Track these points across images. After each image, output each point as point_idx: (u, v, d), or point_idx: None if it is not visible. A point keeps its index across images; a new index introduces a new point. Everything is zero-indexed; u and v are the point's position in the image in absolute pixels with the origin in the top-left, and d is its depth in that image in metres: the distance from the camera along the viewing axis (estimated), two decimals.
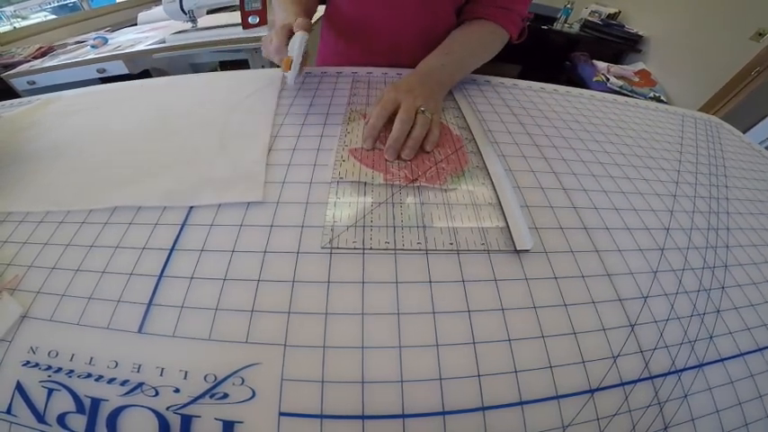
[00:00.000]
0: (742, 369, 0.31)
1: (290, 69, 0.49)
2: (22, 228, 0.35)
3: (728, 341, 0.32)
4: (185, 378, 0.25)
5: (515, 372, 0.27)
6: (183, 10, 1.53)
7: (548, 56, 2.79)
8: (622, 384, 0.28)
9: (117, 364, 0.26)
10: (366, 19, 0.66)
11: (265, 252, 0.33)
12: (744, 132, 0.71)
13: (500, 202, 0.39)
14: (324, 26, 0.77)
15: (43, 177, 0.42)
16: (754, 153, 0.63)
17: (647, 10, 2.52)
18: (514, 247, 0.34)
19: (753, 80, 1.80)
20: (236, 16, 1.56)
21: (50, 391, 0.25)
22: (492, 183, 0.41)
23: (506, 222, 0.37)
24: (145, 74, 1.73)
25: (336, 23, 0.72)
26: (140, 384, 0.25)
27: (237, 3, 1.46)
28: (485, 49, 0.63)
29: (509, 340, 0.28)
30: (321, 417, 0.24)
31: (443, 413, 0.25)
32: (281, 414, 0.24)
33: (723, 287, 0.36)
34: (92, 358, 0.26)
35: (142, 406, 0.24)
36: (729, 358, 0.31)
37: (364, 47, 0.70)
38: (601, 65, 2.43)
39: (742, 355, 0.32)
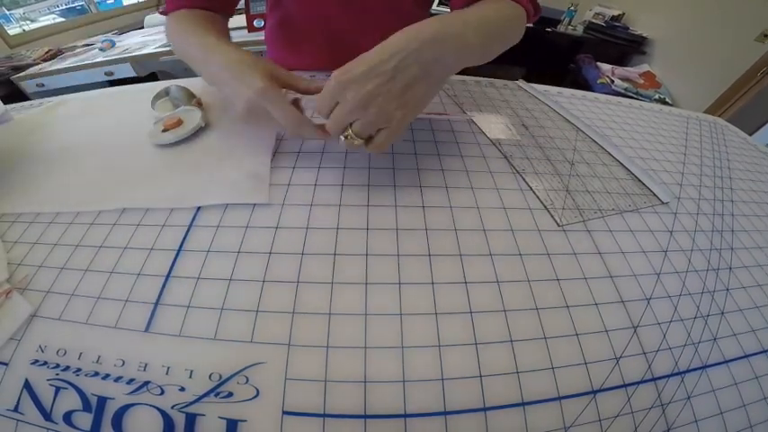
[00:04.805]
0: (746, 371, 0.31)
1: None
2: (33, 228, 0.36)
3: (732, 343, 0.32)
4: (191, 377, 0.26)
5: (517, 372, 0.27)
6: None
7: (552, 58, 2.78)
8: (625, 386, 0.28)
9: (124, 362, 0.26)
10: (325, 21, 0.63)
11: (270, 253, 0.33)
12: (750, 134, 0.71)
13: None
14: (272, 32, 0.71)
15: (53, 179, 0.42)
16: (760, 155, 0.63)
17: (652, 11, 2.51)
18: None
19: (758, 82, 1.79)
20: (241, 20, 1.56)
21: (58, 389, 0.25)
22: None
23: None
24: (152, 76, 1.75)
25: (297, 32, 0.67)
26: (146, 383, 0.25)
27: (243, 6, 1.47)
28: (514, 26, 0.46)
29: (511, 341, 0.28)
30: (324, 416, 0.24)
31: (445, 413, 0.25)
32: (285, 413, 0.24)
33: (727, 289, 0.36)
34: (99, 357, 0.27)
35: (148, 404, 0.25)
36: (733, 360, 0.31)
37: (322, 52, 0.66)
38: (605, 67, 2.42)
39: (746, 356, 0.31)
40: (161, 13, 0.54)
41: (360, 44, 0.65)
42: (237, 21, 1.65)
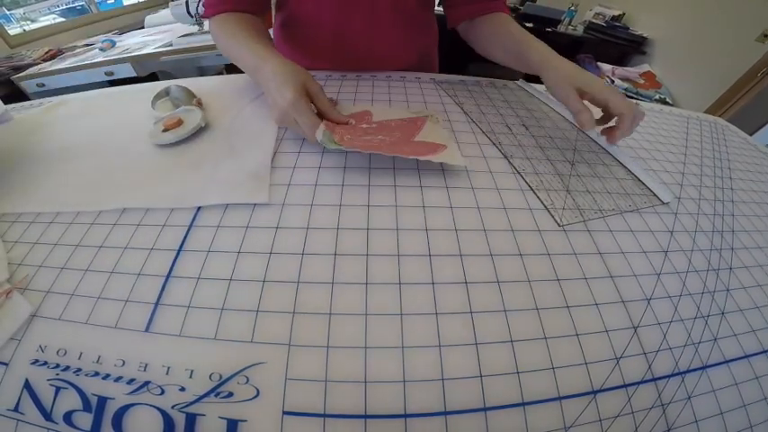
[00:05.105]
0: (746, 371, 0.31)
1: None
2: (33, 228, 0.36)
3: (733, 343, 0.32)
4: (191, 377, 0.26)
5: (517, 372, 0.27)
6: (189, 13, 1.54)
7: None
8: (625, 386, 0.28)
9: (124, 362, 0.26)
10: (330, 21, 0.65)
11: (271, 253, 0.33)
12: (750, 134, 0.71)
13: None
14: (278, 32, 0.73)
15: (54, 179, 0.42)
16: (760, 155, 0.63)
17: (652, 11, 2.51)
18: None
19: (759, 82, 1.79)
20: None
21: (58, 389, 0.25)
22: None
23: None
24: (152, 77, 1.75)
25: (301, 33, 0.69)
26: (146, 383, 0.25)
27: None
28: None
29: (511, 341, 0.28)
30: (324, 416, 0.24)
31: (445, 413, 0.25)
32: (285, 413, 0.24)
33: (728, 289, 0.36)
34: (99, 357, 0.27)
35: (148, 404, 0.25)
36: (734, 360, 0.31)
37: (327, 52, 0.68)
38: (606, 67, 2.42)
39: (747, 357, 0.31)
40: (201, 16, 0.56)
41: (364, 44, 0.66)
42: None
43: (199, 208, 0.37)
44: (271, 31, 0.71)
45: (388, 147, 0.42)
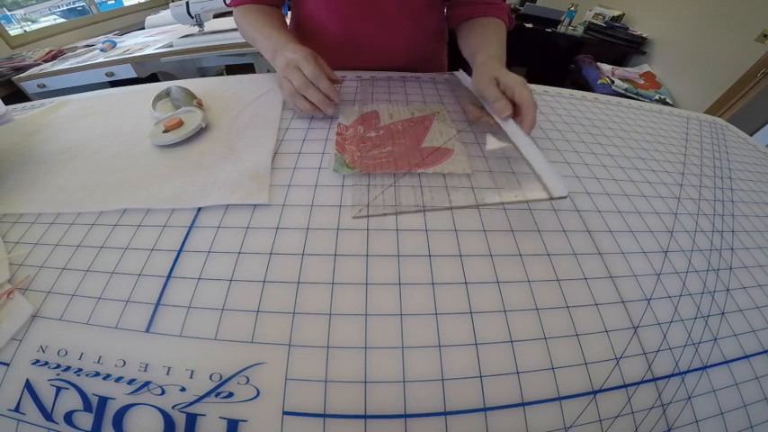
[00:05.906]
0: (747, 371, 0.30)
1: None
2: (34, 229, 0.36)
3: (733, 343, 0.32)
4: (191, 377, 0.26)
5: (517, 373, 0.27)
6: (189, 14, 1.55)
7: (552, 59, 2.79)
8: (625, 386, 0.28)
9: (125, 362, 0.26)
10: (341, 21, 0.66)
11: (271, 254, 0.33)
12: (750, 135, 0.70)
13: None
14: (293, 30, 0.75)
15: (55, 180, 0.42)
16: (760, 155, 0.63)
17: (652, 12, 2.51)
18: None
19: (759, 82, 1.79)
20: None
21: (59, 389, 0.25)
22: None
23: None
24: (153, 77, 1.75)
25: (311, 34, 0.70)
26: (147, 383, 0.25)
27: None
28: (503, 41, 0.62)
29: (511, 341, 0.28)
30: (324, 416, 0.24)
31: (445, 413, 0.25)
32: (285, 413, 0.24)
33: (727, 289, 0.36)
34: (100, 357, 0.27)
35: (148, 404, 0.25)
36: (734, 360, 0.31)
37: (338, 51, 0.69)
38: (605, 67, 2.42)
39: (747, 357, 0.31)
40: (227, 5, 0.61)
41: (374, 43, 0.66)
42: None
43: (199, 209, 0.37)
44: None
45: (395, 162, 0.43)
